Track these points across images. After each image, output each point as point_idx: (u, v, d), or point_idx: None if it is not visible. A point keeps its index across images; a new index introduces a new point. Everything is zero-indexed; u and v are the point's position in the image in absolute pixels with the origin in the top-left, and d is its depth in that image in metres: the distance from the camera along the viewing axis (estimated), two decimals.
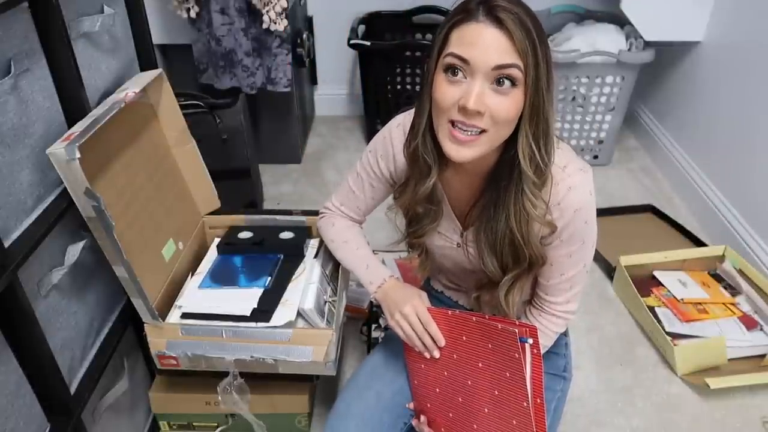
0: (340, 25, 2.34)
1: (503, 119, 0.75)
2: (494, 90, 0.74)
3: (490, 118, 0.74)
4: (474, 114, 0.73)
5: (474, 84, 0.73)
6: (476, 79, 0.73)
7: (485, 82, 0.73)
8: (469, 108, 0.73)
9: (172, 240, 1.17)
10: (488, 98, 0.73)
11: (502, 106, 0.74)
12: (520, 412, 0.83)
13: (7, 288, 0.75)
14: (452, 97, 0.75)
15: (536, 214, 0.82)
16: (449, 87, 0.75)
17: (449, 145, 0.78)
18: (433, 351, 0.93)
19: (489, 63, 0.72)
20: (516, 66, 0.72)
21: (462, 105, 0.73)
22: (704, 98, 1.96)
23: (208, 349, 1.04)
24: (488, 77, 0.73)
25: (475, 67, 0.72)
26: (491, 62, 0.72)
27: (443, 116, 0.77)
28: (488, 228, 0.87)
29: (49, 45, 0.86)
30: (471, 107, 0.73)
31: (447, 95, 0.75)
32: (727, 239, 1.74)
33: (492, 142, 0.78)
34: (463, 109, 0.74)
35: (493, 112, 0.74)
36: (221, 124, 1.69)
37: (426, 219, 0.94)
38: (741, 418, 1.32)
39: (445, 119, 0.77)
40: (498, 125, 0.75)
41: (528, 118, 0.76)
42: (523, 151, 0.78)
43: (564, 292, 0.94)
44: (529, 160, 0.78)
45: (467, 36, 0.73)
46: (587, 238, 0.88)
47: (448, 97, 0.75)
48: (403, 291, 0.97)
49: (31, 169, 0.84)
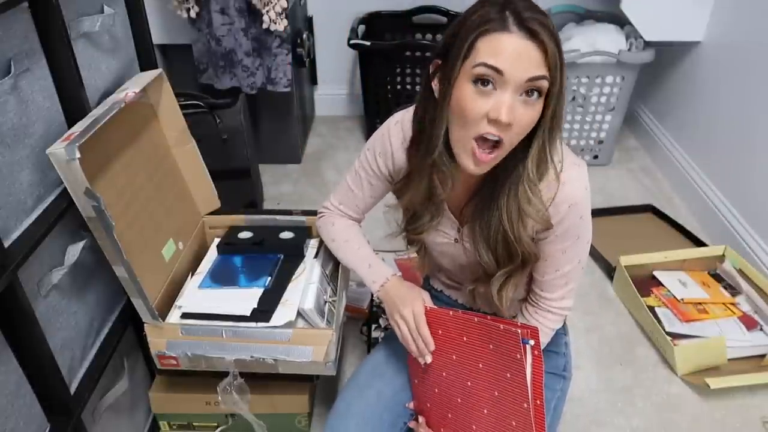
0: (340, 25, 2.34)
1: (525, 128, 0.75)
2: (523, 101, 0.73)
3: (516, 130, 0.75)
4: (505, 126, 0.73)
5: (505, 95, 0.72)
6: (507, 91, 0.72)
7: (515, 93, 0.73)
8: (503, 120, 0.72)
9: (172, 240, 1.17)
10: (518, 110, 0.73)
11: (527, 117, 0.74)
12: (520, 413, 0.83)
13: (7, 288, 0.75)
14: (482, 108, 0.73)
15: (531, 211, 0.82)
16: (479, 98, 0.73)
17: (470, 163, 0.78)
18: (423, 355, 0.93)
19: (523, 75, 0.71)
20: (546, 78, 0.72)
21: (494, 117, 0.73)
22: (704, 98, 1.96)
23: (208, 349, 1.04)
24: (518, 89, 0.72)
25: (509, 79, 0.71)
26: (525, 75, 0.71)
27: (470, 129, 0.75)
28: (483, 223, 0.88)
29: (49, 45, 0.86)
30: (504, 120, 0.72)
31: (477, 106, 0.73)
32: (727, 239, 1.74)
33: (506, 151, 0.78)
34: (495, 121, 0.73)
35: (520, 122, 0.74)
36: (221, 124, 1.69)
37: (426, 216, 0.94)
38: (741, 418, 1.32)
39: (471, 133, 0.75)
40: (519, 136, 0.76)
41: (547, 129, 0.77)
42: (533, 156, 0.79)
43: (559, 288, 0.94)
44: (537, 165, 0.79)
45: (499, 46, 0.71)
46: (582, 234, 0.88)
47: (478, 109, 0.73)
48: (405, 291, 0.97)
49: (31, 169, 0.84)
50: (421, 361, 0.94)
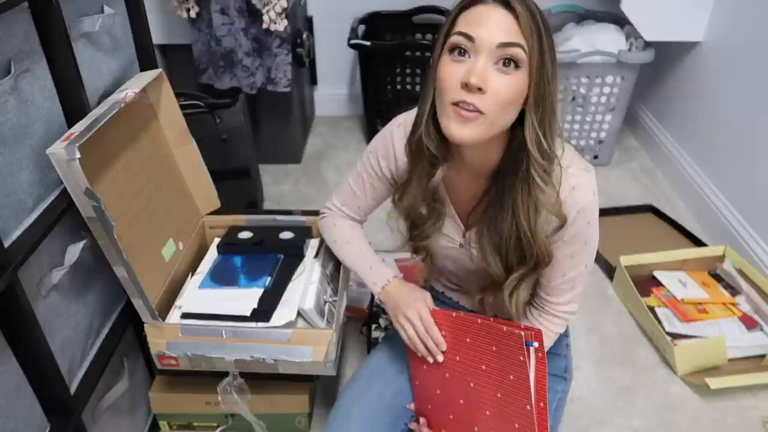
0: (340, 25, 2.34)
1: (504, 100, 0.75)
2: (498, 69, 0.74)
3: (492, 98, 0.74)
4: (476, 90, 0.73)
5: (478, 61, 0.74)
6: (480, 57, 0.74)
7: (489, 60, 0.74)
8: (472, 82, 0.73)
9: (172, 240, 1.17)
10: (491, 77, 0.74)
11: (504, 86, 0.74)
12: (523, 415, 0.83)
13: (7, 288, 0.75)
14: (456, 74, 0.75)
15: (546, 200, 0.81)
16: (453, 65, 0.75)
17: (452, 125, 0.77)
18: (436, 355, 0.93)
19: (493, 40, 0.72)
20: (520, 46, 0.73)
21: (465, 81, 0.74)
22: (704, 98, 1.96)
23: (208, 349, 1.04)
24: (492, 56, 0.73)
25: (480, 45, 0.73)
26: (495, 39, 0.72)
27: (446, 96, 0.76)
28: (492, 228, 0.87)
29: (49, 45, 0.86)
30: (473, 82, 0.73)
31: (451, 73, 0.75)
32: (727, 239, 1.74)
33: (491, 125, 0.77)
34: (466, 85, 0.74)
35: (496, 91, 0.74)
36: (221, 124, 1.69)
37: (430, 219, 0.94)
38: (741, 418, 1.32)
39: (448, 100, 0.76)
40: (499, 107, 0.75)
41: (533, 105, 0.76)
42: (530, 138, 0.78)
43: (565, 293, 0.94)
44: (536, 146, 0.78)
45: (474, 16, 0.74)
46: (589, 239, 0.88)
47: (452, 76, 0.75)
48: (407, 293, 0.97)
49: (31, 169, 0.84)
50: (430, 360, 0.94)
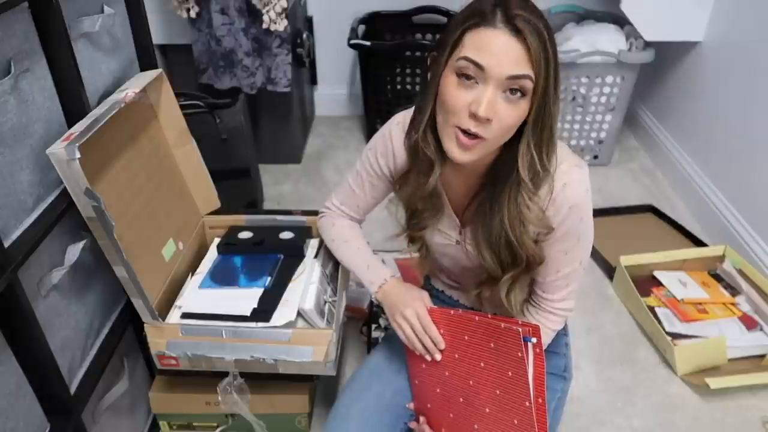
0: (340, 25, 2.34)
1: (508, 126, 0.76)
2: (505, 98, 0.74)
3: (497, 126, 0.75)
4: (484, 121, 0.74)
5: (486, 91, 0.73)
6: (488, 86, 0.73)
7: (497, 90, 0.73)
8: (480, 115, 0.73)
9: (172, 240, 1.17)
10: (499, 106, 0.74)
11: (509, 114, 0.75)
12: (522, 411, 0.83)
13: (7, 288, 0.75)
14: (463, 101, 0.75)
15: (531, 217, 0.82)
16: (460, 91, 0.75)
17: (453, 148, 0.78)
18: (434, 354, 0.93)
19: (504, 72, 0.72)
20: (529, 77, 0.73)
21: (473, 111, 0.74)
22: (704, 98, 1.96)
23: (208, 349, 1.04)
24: (500, 86, 0.73)
25: (489, 75, 0.73)
26: (506, 72, 0.72)
27: (452, 119, 0.77)
28: (484, 226, 0.88)
29: (49, 45, 0.86)
30: (482, 114, 0.73)
31: (458, 99, 0.75)
32: (727, 239, 1.74)
33: (492, 147, 0.79)
34: (474, 115, 0.74)
35: (501, 119, 0.74)
36: (221, 124, 1.69)
37: (426, 213, 0.94)
38: (741, 418, 1.32)
39: (452, 123, 0.77)
40: (501, 132, 0.76)
41: (532, 127, 0.77)
42: (523, 158, 0.78)
43: (560, 290, 0.94)
44: (528, 168, 0.79)
45: (483, 41, 0.72)
46: (583, 236, 0.88)
47: (458, 101, 0.75)
48: (405, 292, 0.97)
49: (31, 169, 0.84)
50: (429, 358, 0.94)
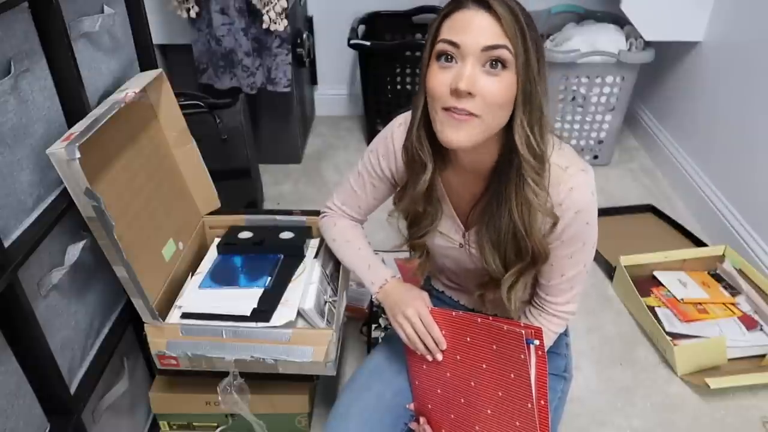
0: (340, 25, 2.34)
1: (495, 102, 0.75)
2: (486, 72, 0.74)
3: (482, 101, 0.74)
4: (465, 95, 0.74)
5: (465, 66, 0.74)
6: (467, 62, 0.74)
7: (476, 64, 0.74)
8: (461, 88, 0.73)
9: (172, 240, 1.17)
10: (479, 80, 0.74)
11: (493, 88, 0.74)
12: (524, 413, 0.83)
13: (7, 288, 0.75)
14: (444, 82, 0.75)
15: (538, 202, 0.81)
16: (441, 72, 0.76)
17: (446, 130, 0.77)
18: (435, 354, 0.93)
19: (478, 44, 0.73)
20: (505, 47, 0.73)
21: (453, 87, 0.74)
22: (704, 98, 1.96)
23: (208, 349, 1.04)
24: (479, 59, 0.74)
25: (465, 50, 0.74)
26: (480, 43, 0.73)
27: (438, 104, 0.77)
28: (491, 225, 0.87)
29: (49, 45, 0.86)
30: (462, 88, 0.73)
31: (439, 81, 0.76)
32: (727, 239, 1.74)
33: (486, 128, 0.77)
34: (455, 91, 0.74)
35: (485, 94, 0.74)
36: (221, 124, 1.69)
37: (425, 220, 0.94)
38: (741, 418, 1.32)
39: (439, 106, 0.77)
40: (490, 109, 0.75)
41: (521, 105, 0.77)
42: (520, 137, 0.78)
43: (564, 293, 0.94)
44: (526, 146, 0.78)
45: (457, 22, 0.75)
46: (588, 239, 0.88)
47: (440, 83, 0.76)
48: (405, 292, 0.97)
49: (31, 169, 0.84)
50: (430, 359, 0.94)
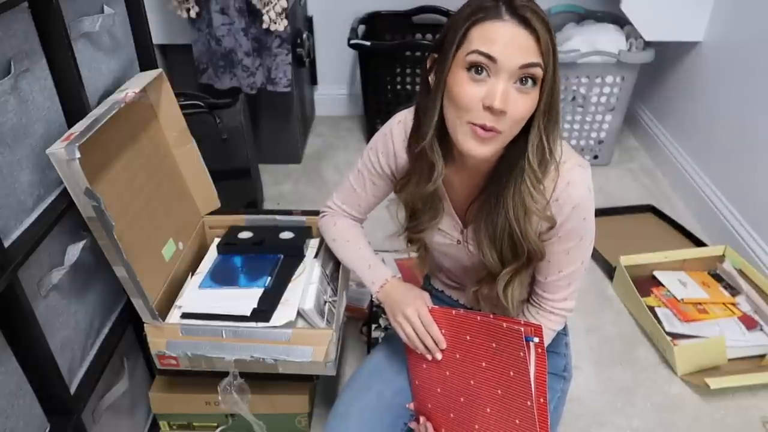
0: (340, 25, 2.34)
1: (521, 118, 0.76)
2: (517, 89, 0.74)
3: (510, 118, 0.75)
4: (499, 113, 0.73)
5: (498, 83, 0.73)
6: (500, 78, 0.73)
7: (509, 81, 0.73)
8: (496, 107, 0.72)
9: (172, 240, 1.17)
10: (511, 97, 0.74)
11: (523, 106, 0.75)
12: (524, 411, 0.83)
13: (7, 288, 0.75)
14: (476, 95, 0.74)
15: (535, 207, 0.82)
16: (472, 86, 0.74)
17: (469, 142, 0.77)
18: (435, 353, 0.93)
19: (516, 62, 0.72)
20: (539, 65, 0.73)
21: (488, 105, 0.73)
22: (704, 98, 1.96)
23: (208, 349, 1.04)
24: (512, 76, 0.73)
25: (501, 66, 0.72)
26: (518, 62, 0.72)
27: (465, 116, 0.76)
28: (488, 221, 0.87)
29: (49, 45, 0.86)
30: (497, 106, 0.72)
31: (471, 94, 0.74)
32: (727, 239, 1.74)
33: (505, 141, 0.78)
34: (489, 108, 0.73)
35: (513, 111, 0.74)
36: (221, 124, 1.69)
37: (426, 215, 0.94)
38: (741, 418, 1.32)
39: (467, 119, 0.76)
40: (514, 124, 0.76)
41: (543, 114, 0.77)
42: (533, 146, 0.78)
43: (562, 290, 0.94)
44: (537, 152, 0.79)
45: (492, 34, 0.72)
46: (585, 235, 0.88)
47: (472, 97, 0.74)
48: (406, 292, 0.97)
49: (31, 169, 0.84)
50: (429, 358, 0.94)
